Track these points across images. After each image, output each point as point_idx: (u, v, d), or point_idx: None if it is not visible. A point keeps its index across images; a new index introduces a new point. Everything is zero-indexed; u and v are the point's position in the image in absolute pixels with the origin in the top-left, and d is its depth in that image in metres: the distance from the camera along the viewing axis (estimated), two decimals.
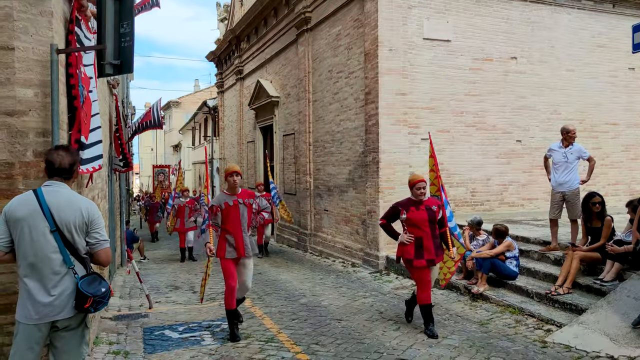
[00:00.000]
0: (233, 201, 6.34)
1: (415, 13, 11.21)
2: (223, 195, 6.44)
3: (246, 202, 6.45)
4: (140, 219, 28.64)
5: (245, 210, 6.41)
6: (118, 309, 8.18)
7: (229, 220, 6.30)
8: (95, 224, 3.39)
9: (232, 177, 6.33)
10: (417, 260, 6.27)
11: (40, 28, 4.05)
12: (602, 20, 13.08)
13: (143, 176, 61.27)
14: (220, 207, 6.32)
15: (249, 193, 6.64)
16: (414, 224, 6.35)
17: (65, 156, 3.40)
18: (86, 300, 3.24)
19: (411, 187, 6.55)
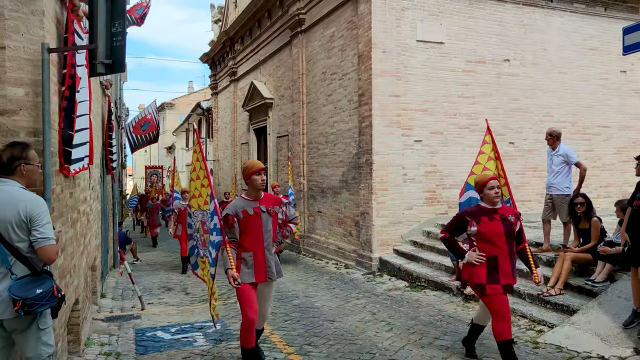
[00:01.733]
0: (254, 209, 4.99)
1: (408, 15, 11.25)
2: (241, 201, 5.08)
3: (271, 210, 5.08)
4: (134, 220, 28.42)
5: (269, 220, 5.06)
6: (110, 311, 8.15)
7: (248, 234, 4.99)
8: (35, 221, 3.27)
9: (258, 176, 4.99)
10: (491, 285, 4.93)
11: (31, 27, 4.03)
12: (594, 24, 13.17)
13: (136, 177, 61.06)
14: (237, 217, 4.97)
15: (273, 198, 5.23)
16: (487, 239, 4.95)
17: (5, 151, 3.37)
18: (15, 303, 3.14)
19: (480, 188, 5.08)
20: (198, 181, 5.51)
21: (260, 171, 4.99)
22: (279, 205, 5.22)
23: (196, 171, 5.54)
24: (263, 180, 5.00)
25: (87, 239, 6.69)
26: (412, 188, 11.29)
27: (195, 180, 5.53)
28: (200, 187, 5.44)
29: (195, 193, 5.54)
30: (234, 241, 5.01)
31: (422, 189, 11.43)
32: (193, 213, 5.56)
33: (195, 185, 5.52)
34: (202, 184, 5.44)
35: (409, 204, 11.30)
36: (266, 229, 5.04)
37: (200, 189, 5.44)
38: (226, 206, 5.17)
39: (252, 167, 5.02)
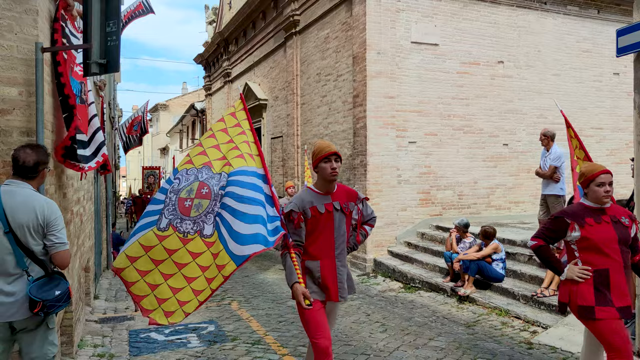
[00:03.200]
0: (326, 205, 3.87)
1: (403, 17, 11.27)
2: (310, 195, 3.92)
3: (345, 207, 3.96)
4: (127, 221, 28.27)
5: (343, 221, 3.95)
6: (103, 312, 8.11)
7: (316, 237, 3.85)
8: (52, 225, 3.31)
9: (327, 164, 3.82)
10: (602, 307, 3.72)
11: (24, 26, 4.01)
12: (587, 26, 13.24)
13: (130, 179, 60.88)
14: (305, 215, 3.84)
15: (348, 192, 4.08)
16: (594, 247, 3.81)
17: (30, 154, 3.33)
18: (35, 304, 3.19)
19: (587, 182, 3.98)
20: (214, 146, 4.23)
21: (329, 157, 3.81)
22: (354, 202, 4.07)
23: (215, 138, 4.24)
24: (334, 169, 3.81)
25: (81, 239, 6.66)
26: (407, 189, 11.31)
27: (208, 147, 4.20)
28: (228, 151, 4.14)
29: (195, 156, 4.19)
30: (299, 245, 3.83)
31: (417, 190, 11.44)
32: (180, 172, 4.15)
33: (206, 147, 4.21)
34: (231, 147, 4.15)
35: (403, 205, 11.31)
36: (339, 231, 3.91)
37: (223, 152, 4.15)
38: None
39: (320, 152, 3.84)
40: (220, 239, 3.73)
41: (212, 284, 3.72)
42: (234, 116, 4.29)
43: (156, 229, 3.88)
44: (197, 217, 3.87)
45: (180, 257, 3.80)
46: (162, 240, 3.85)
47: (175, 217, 3.89)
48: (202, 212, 3.88)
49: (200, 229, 3.83)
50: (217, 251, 3.74)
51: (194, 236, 3.83)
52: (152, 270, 3.84)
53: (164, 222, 3.90)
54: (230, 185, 3.89)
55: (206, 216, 3.87)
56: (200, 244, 3.80)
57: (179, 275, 3.79)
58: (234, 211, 3.77)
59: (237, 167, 3.97)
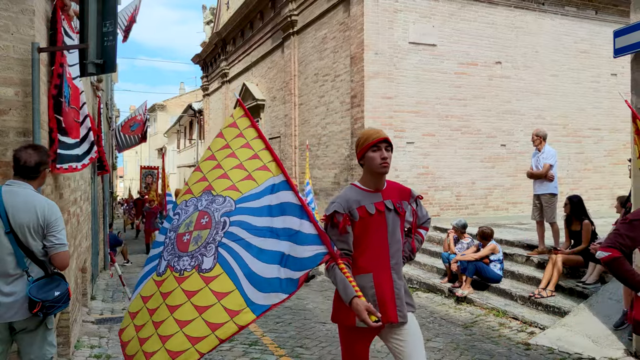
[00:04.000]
0: (376, 205, 3.15)
1: (401, 17, 11.27)
2: (355, 192, 3.19)
3: (399, 207, 3.22)
4: (124, 223, 28.16)
5: (397, 223, 3.21)
6: (100, 313, 8.08)
7: (366, 245, 3.13)
8: (52, 226, 3.31)
9: (376, 153, 3.12)
10: None
11: (21, 26, 3.99)
12: (585, 27, 13.26)
13: (127, 179, 60.80)
14: (352, 217, 3.10)
15: (400, 189, 3.35)
16: None
17: (32, 154, 3.32)
18: (35, 305, 3.19)
19: None
20: (218, 167, 3.64)
21: (379, 144, 3.10)
22: (407, 200, 3.31)
23: (217, 156, 3.66)
24: (385, 160, 3.09)
25: (77, 240, 6.63)
26: None
27: (207, 171, 3.64)
28: (231, 169, 3.55)
29: (194, 184, 3.65)
30: (347, 255, 3.08)
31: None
32: (179, 206, 3.66)
33: (209, 169, 3.66)
34: (234, 164, 3.53)
35: None
36: (393, 237, 3.18)
37: (230, 172, 3.54)
38: None
39: (367, 139, 3.15)
40: (230, 277, 3.03)
41: (220, 332, 2.91)
42: (235, 126, 3.68)
43: (155, 275, 3.34)
44: (195, 251, 3.20)
45: (174, 298, 3.10)
46: (160, 286, 3.24)
47: (173, 257, 3.29)
48: (201, 244, 3.20)
49: (198, 263, 3.14)
50: (225, 290, 3.02)
51: (190, 272, 3.14)
52: (146, 323, 3.17)
53: (162, 266, 3.31)
54: (240, 214, 3.23)
55: (206, 247, 3.16)
56: (197, 280, 3.10)
57: (170, 320, 3.04)
58: (249, 246, 3.09)
59: (247, 192, 3.32)
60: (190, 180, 3.70)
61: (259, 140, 3.51)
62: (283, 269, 2.96)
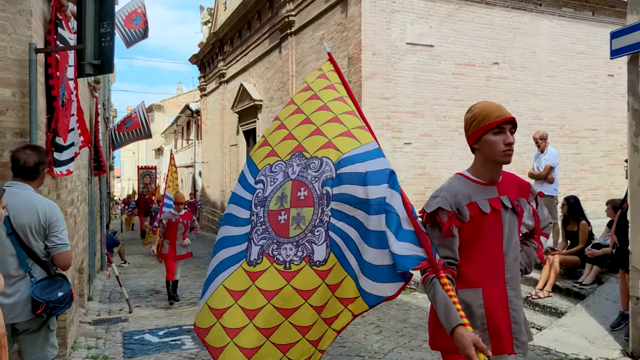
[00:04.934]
0: (491, 201, 2.53)
1: (398, 18, 11.28)
2: (464, 184, 2.57)
3: (517, 204, 2.61)
4: (126, 222, 28.09)
5: (514, 225, 2.59)
6: (97, 313, 8.08)
7: (475, 252, 2.50)
8: (54, 227, 3.31)
9: (498, 136, 2.52)
10: None
11: (18, 27, 3.98)
12: (582, 28, 13.28)
13: (124, 179, 60.72)
14: (461, 216, 2.48)
15: (517, 181, 2.75)
16: None
17: (31, 155, 3.32)
18: (38, 306, 3.19)
19: None
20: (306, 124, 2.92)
21: (502, 125, 2.50)
22: (526, 197, 2.68)
23: (301, 111, 2.97)
24: (510, 145, 2.50)
25: (75, 241, 6.62)
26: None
27: (294, 127, 2.94)
28: (324, 123, 2.83)
29: (278, 143, 2.97)
30: (451, 265, 2.43)
31: (412, 191, 11.44)
32: (261, 172, 2.94)
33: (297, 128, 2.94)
34: (329, 117, 2.84)
35: None
36: (510, 242, 2.54)
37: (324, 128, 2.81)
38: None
39: (486, 117, 2.51)
40: (343, 265, 2.53)
41: (336, 324, 2.59)
42: (325, 77, 3.04)
43: (246, 264, 2.72)
44: (301, 237, 2.64)
45: (285, 300, 2.59)
46: (256, 279, 2.66)
47: (269, 242, 2.69)
48: (306, 227, 2.63)
49: (308, 253, 2.60)
50: (338, 280, 2.54)
51: (300, 266, 2.59)
52: (247, 327, 2.61)
53: (254, 252, 2.71)
54: (343, 183, 2.58)
55: (313, 232, 2.61)
56: (311, 276, 2.57)
57: (287, 325, 2.57)
58: (357, 224, 2.51)
59: (349, 152, 2.63)
60: (272, 138, 2.99)
61: (351, 103, 2.89)
62: (390, 253, 2.40)
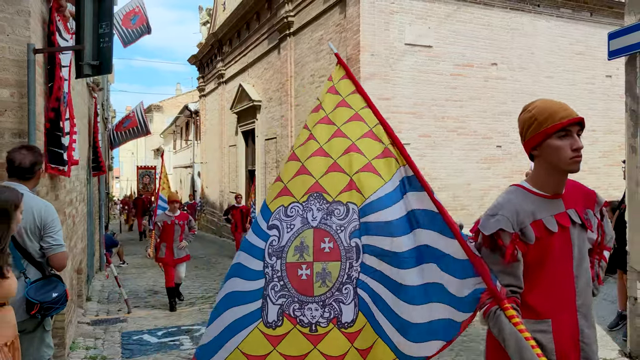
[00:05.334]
0: (558, 218, 2.16)
1: (397, 19, 11.29)
2: (525, 198, 2.18)
3: (586, 219, 2.25)
4: (127, 223, 28.05)
5: (584, 243, 2.23)
6: (96, 314, 8.07)
7: (541, 278, 2.13)
8: (49, 227, 3.30)
9: (570, 140, 2.18)
10: None
11: (16, 27, 3.99)
12: (580, 29, 13.30)
13: (123, 180, 60.68)
14: (525, 238, 2.11)
15: (582, 190, 2.38)
16: None
17: (27, 155, 3.31)
18: (33, 306, 3.17)
19: None
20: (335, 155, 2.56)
21: (569, 128, 2.18)
22: (592, 208, 2.31)
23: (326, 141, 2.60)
24: (579, 151, 2.16)
25: (73, 241, 6.62)
26: None
27: (306, 158, 2.58)
28: (341, 155, 2.52)
29: (291, 179, 2.59)
30: (515, 293, 2.11)
31: None
32: (274, 214, 2.56)
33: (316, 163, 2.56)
34: (345, 146, 2.53)
35: None
36: (581, 265, 2.20)
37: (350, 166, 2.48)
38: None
39: (550, 118, 2.21)
40: (372, 325, 2.29)
41: None
42: (335, 92, 2.73)
43: (263, 325, 2.37)
44: (327, 295, 2.34)
45: None
46: (278, 344, 2.34)
47: (289, 300, 2.38)
48: (332, 285, 2.34)
49: (335, 314, 2.33)
50: (369, 344, 2.30)
51: (327, 328, 2.31)
52: None
53: (272, 312, 2.38)
54: (369, 232, 2.33)
55: (341, 290, 2.34)
56: (340, 339, 2.31)
57: None
58: (386, 279, 2.27)
59: (372, 195, 2.37)
60: (285, 173, 2.61)
61: (368, 111, 2.57)
62: (436, 306, 2.17)
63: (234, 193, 20.36)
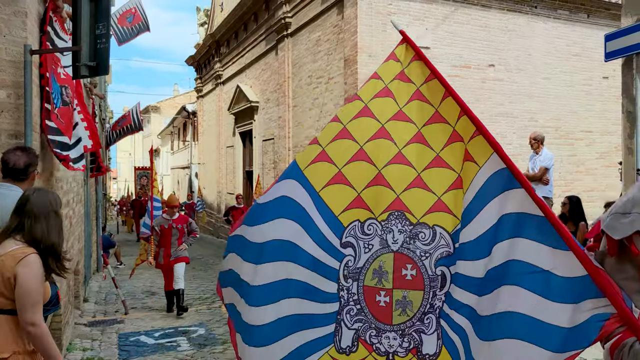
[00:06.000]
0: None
1: (394, 20, 11.30)
2: None
3: None
4: (117, 224, 28.05)
5: None
6: (93, 315, 8.06)
7: None
8: None
9: None
10: None
11: (13, 28, 3.98)
12: (577, 30, 13.34)
13: (121, 180, 60.61)
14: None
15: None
16: None
17: (21, 156, 3.30)
18: None
19: None
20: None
21: None
22: None
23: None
24: None
25: (70, 242, 6.61)
26: None
27: (384, 165, 2.28)
28: (425, 168, 2.24)
29: (365, 189, 2.29)
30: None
31: None
32: (347, 230, 2.29)
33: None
34: (426, 155, 2.25)
35: None
36: None
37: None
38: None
39: None
40: None
41: None
42: (406, 79, 2.43)
43: (335, 351, 2.22)
44: (408, 325, 2.16)
45: None
46: None
47: (365, 326, 2.20)
48: (414, 314, 2.15)
49: (415, 345, 2.14)
50: None
51: (405, 358, 2.15)
52: None
53: (347, 337, 2.21)
54: (462, 258, 2.05)
55: (422, 320, 2.14)
56: None
57: None
58: (475, 317, 1.94)
59: (464, 214, 2.07)
60: (356, 179, 2.27)
61: (449, 103, 2.29)
62: (527, 346, 1.74)
63: (232, 194, 20.36)
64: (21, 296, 2.52)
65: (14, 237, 2.62)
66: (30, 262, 2.55)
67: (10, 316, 2.56)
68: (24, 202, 2.71)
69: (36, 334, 2.54)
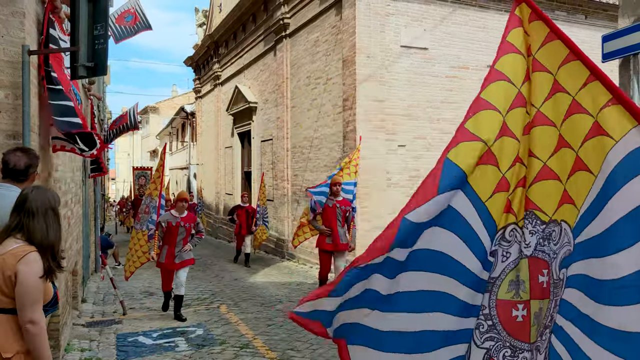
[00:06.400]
0: None
1: (392, 21, 11.32)
2: None
3: None
4: (116, 224, 28.02)
5: None
6: (91, 316, 8.05)
7: None
8: None
9: None
10: None
11: (11, 29, 3.98)
12: (575, 31, 13.34)
13: (119, 181, 60.57)
14: None
15: None
16: None
17: (21, 157, 3.30)
18: None
19: None
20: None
21: None
22: None
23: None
24: None
25: (68, 243, 6.61)
26: (396, 193, 11.33)
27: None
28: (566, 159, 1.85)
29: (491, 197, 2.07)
30: None
31: (406, 193, 11.46)
32: (501, 234, 2.07)
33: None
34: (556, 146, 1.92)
35: (392, 208, 11.30)
36: None
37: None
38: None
39: None
40: None
41: None
42: (541, 67, 2.11)
43: None
44: (539, 342, 1.91)
45: None
46: None
47: (498, 345, 1.98)
48: (540, 328, 1.92)
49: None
50: None
51: None
52: None
53: (476, 357, 2.01)
54: (582, 257, 1.70)
55: (541, 336, 1.89)
56: None
57: None
58: (588, 326, 1.62)
59: (585, 204, 1.71)
60: (513, 183, 2.03)
61: (594, 86, 1.73)
62: None
63: (231, 194, 20.37)
64: (21, 294, 2.52)
65: (15, 236, 2.62)
66: (31, 260, 2.56)
67: (12, 315, 2.56)
68: (22, 200, 2.71)
69: (35, 332, 2.54)
